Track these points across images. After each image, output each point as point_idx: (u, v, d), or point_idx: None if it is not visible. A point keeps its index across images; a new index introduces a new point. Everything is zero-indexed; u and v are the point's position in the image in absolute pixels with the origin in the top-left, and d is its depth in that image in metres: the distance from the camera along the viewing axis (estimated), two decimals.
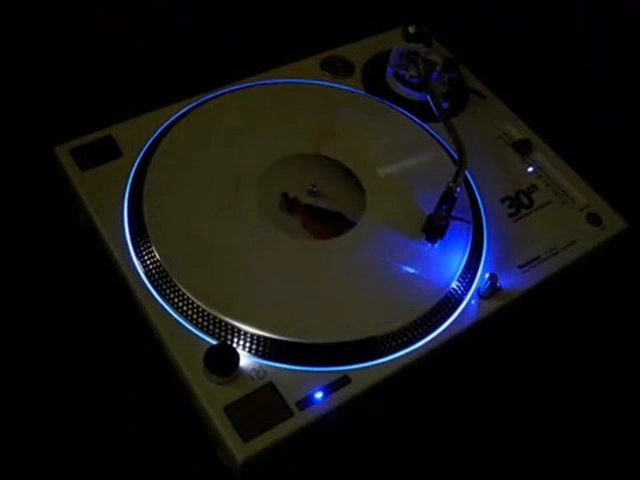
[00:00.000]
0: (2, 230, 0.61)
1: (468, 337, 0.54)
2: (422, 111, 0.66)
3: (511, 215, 0.61)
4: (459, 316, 0.54)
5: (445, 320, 0.54)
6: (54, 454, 0.51)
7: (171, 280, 0.52)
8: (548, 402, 0.58)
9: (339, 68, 0.69)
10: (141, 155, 0.59)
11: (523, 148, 0.66)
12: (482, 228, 0.60)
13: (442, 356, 0.53)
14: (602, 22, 0.91)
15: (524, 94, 0.75)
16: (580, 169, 0.66)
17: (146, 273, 0.53)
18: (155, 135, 0.60)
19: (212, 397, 0.48)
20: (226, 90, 0.65)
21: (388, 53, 0.68)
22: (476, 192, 0.62)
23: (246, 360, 0.49)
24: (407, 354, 0.51)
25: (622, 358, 0.62)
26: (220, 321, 0.50)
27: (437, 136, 0.65)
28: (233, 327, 0.50)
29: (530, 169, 0.65)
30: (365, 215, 0.58)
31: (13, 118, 0.69)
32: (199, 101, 0.63)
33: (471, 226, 0.58)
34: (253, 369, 0.49)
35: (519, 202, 0.62)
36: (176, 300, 0.51)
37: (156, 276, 0.52)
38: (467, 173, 0.62)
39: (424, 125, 0.66)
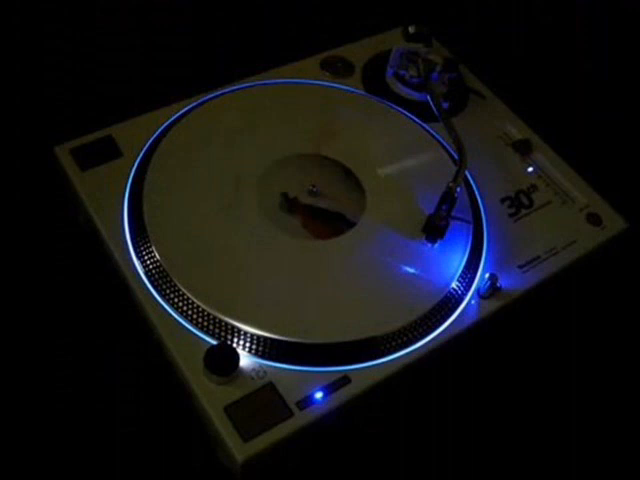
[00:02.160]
0: (2, 230, 0.61)
1: (468, 337, 0.54)
2: (422, 111, 0.66)
3: (511, 215, 0.61)
4: (459, 316, 0.54)
5: (445, 320, 0.54)
6: (54, 454, 0.51)
7: (171, 280, 0.52)
8: (548, 402, 0.58)
9: (339, 68, 0.69)
10: (141, 155, 0.59)
11: (523, 148, 0.66)
12: (482, 228, 0.60)
13: (442, 356, 0.53)
14: (602, 22, 0.91)
15: (524, 94, 0.75)
16: (580, 169, 0.66)
17: (146, 273, 0.53)
18: (155, 135, 0.60)
19: (212, 397, 0.47)
20: (226, 90, 0.65)
21: (388, 53, 0.68)
22: (476, 192, 0.62)
23: (246, 360, 0.49)
24: (407, 354, 0.51)
25: (622, 358, 0.62)
26: (220, 321, 0.50)
27: (437, 136, 0.65)
28: (233, 327, 0.50)
29: (530, 169, 0.65)
30: (365, 215, 0.58)
31: (13, 118, 0.69)
32: (199, 101, 0.63)
33: (471, 226, 0.58)
34: (253, 369, 0.49)
35: (519, 202, 0.62)
36: (176, 300, 0.51)
37: (156, 276, 0.52)
38: (467, 173, 0.62)
39: (424, 125, 0.66)
